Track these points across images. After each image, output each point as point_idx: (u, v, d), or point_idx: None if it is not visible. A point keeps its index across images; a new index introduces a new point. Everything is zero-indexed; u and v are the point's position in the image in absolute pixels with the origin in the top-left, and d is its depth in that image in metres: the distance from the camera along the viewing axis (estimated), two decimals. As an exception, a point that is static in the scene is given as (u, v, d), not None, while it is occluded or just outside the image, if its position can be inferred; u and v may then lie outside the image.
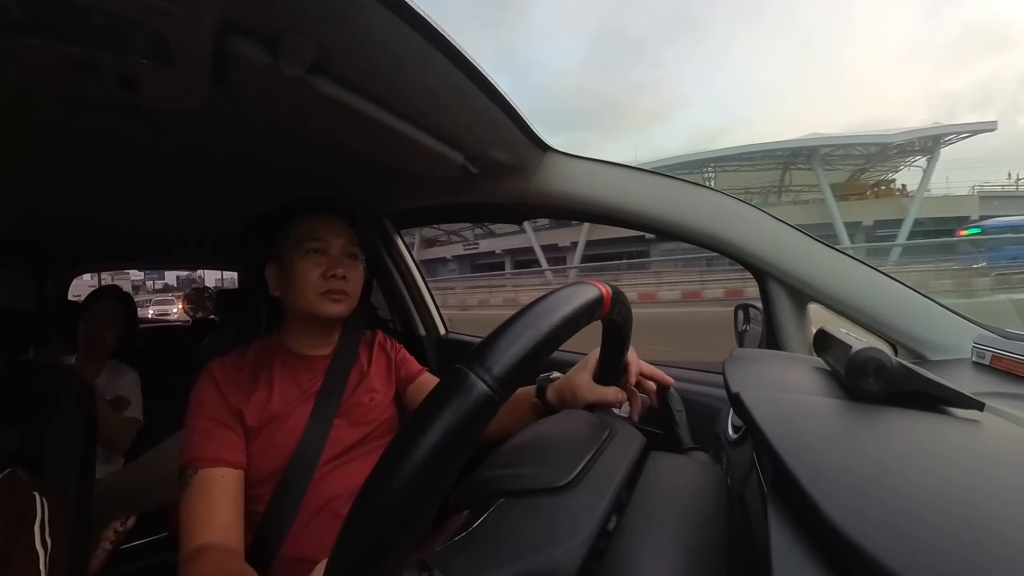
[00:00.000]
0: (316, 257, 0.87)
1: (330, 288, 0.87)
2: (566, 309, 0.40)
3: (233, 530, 0.74)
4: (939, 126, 22.24)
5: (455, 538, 0.39)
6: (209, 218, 1.64)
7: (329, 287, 0.87)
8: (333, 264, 0.87)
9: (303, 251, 0.87)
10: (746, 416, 0.40)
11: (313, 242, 0.87)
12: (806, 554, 0.27)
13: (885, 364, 0.41)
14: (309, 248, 0.87)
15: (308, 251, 0.87)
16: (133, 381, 1.85)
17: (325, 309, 0.87)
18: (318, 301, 0.87)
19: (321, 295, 0.86)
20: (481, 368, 0.33)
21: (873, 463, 0.32)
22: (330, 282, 0.86)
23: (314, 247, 0.87)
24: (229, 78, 0.66)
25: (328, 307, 0.87)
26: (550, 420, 0.60)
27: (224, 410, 0.82)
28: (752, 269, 0.90)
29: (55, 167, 1.03)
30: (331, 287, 0.87)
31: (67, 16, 0.52)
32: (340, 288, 0.88)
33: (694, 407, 0.97)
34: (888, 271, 0.85)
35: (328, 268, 0.87)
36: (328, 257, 0.88)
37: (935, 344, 0.80)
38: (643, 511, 0.43)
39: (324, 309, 0.87)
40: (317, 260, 0.87)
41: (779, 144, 23.47)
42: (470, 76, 0.70)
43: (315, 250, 0.87)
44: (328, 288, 0.87)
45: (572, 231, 24.10)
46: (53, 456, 0.84)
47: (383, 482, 0.30)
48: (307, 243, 0.87)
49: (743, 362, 0.58)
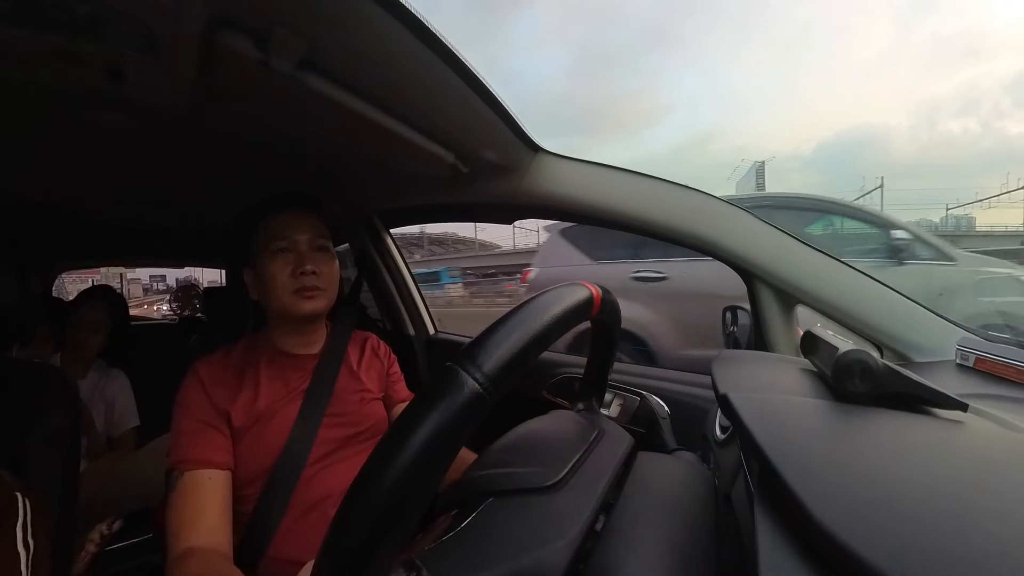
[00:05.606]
0: (284, 256, 0.85)
1: (301, 286, 0.85)
2: (557, 309, 0.40)
3: (221, 532, 0.73)
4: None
5: (443, 537, 0.39)
6: (196, 215, 1.62)
7: (300, 284, 0.85)
8: (301, 260, 0.85)
9: (270, 252, 0.85)
10: (734, 417, 0.41)
11: (279, 241, 0.86)
12: (792, 553, 0.27)
13: (871, 366, 0.41)
14: (276, 248, 0.85)
15: (275, 251, 0.85)
16: (123, 385, 1.82)
17: (299, 307, 0.85)
18: (291, 300, 0.85)
19: (293, 294, 0.85)
20: (472, 366, 0.32)
21: (859, 463, 0.33)
22: (300, 279, 0.85)
23: (280, 246, 0.86)
24: (217, 72, 0.65)
25: (302, 305, 0.85)
26: (539, 420, 0.60)
27: (210, 411, 0.81)
28: (740, 271, 0.91)
29: (39, 160, 1.01)
30: (302, 284, 0.85)
31: (53, 5, 0.51)
32: (312, 284, 0.86)
33: (682, 408, 0.98)
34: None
35: (296, 266, 0.85)
36: (296, 254, 0.86)
37: (920, 346, 0.81)
38: (631, 511, 0.43)
39: (298, 307, 0.85)
40: (285, 259, 0.85)
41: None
42: (461, 75, 0.70)
43: (282, 249, 0.85)
44: (299, 286, 0.85)
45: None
46: (36, 456, 0.83)
47: (372, 481, 0.30)
48: (273, 243, 0.85)
49: (731, 363, 0.59)
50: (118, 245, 2.23)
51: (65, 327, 1.74)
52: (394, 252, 1.75)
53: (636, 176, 0.96)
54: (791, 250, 0.88)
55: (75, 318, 1.74)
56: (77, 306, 1.78)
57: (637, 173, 0.96)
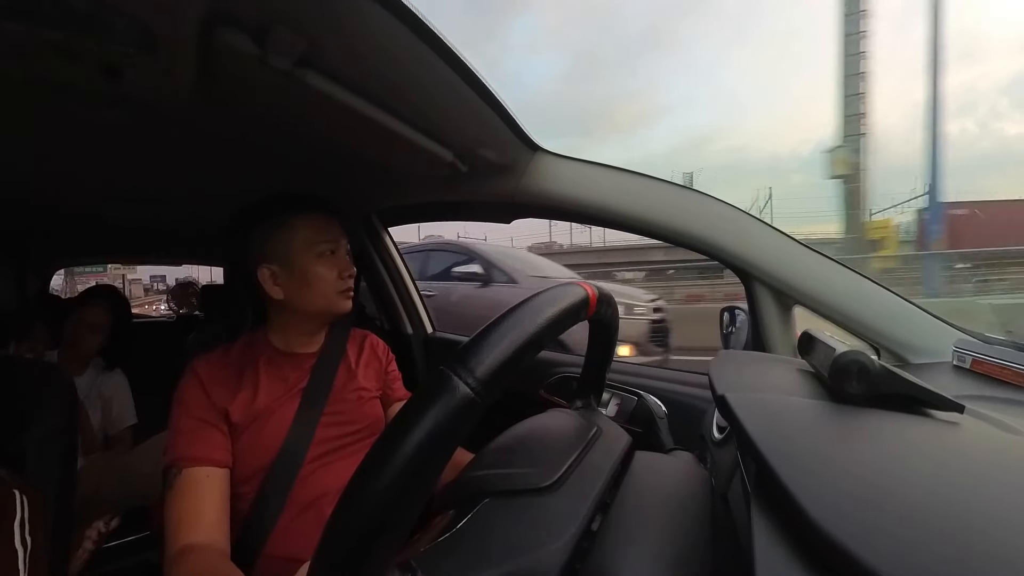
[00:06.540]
0: (330, 258, 0.89)
1: (347, 287, 0.91)
2: (551, 311, 0.40)
3: (219, 530, 0.73)
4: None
5: (439, 539, 0.39)
6: (194, 212, 1.61)
7: (346, 286, 0.91)
8: (346, 265, 0.91)
9: (316, 253, 0.88)
10: (731, 417, 0.41)
11: (326, 244, 0.89)
12: (789, 553, 0.27)
13: (868, 367, 0.41)
14: (324, 250, 0.88)
15: (323, 253, 0.88)
16: (121, 383, 1.81)
17: (343, 307, 0.91)
18: (336, 300, 0.90)
19: (339, 294, 0.90)
20: (464, 370, 0.33)
21: (856, 464, 0.33)
22: (347, 281, 0.91)
23: (329, 248, 0.89)
24: (216, 69, 0.65)
25: (345, 304, 0.91)
26: (536, 419, 0.60)
27: (209, 409, 0.81)
28: (738, 272, 0.91)
29: (35, 157, 1.01)
30: (348, 286, 0.91)
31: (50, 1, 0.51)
32: (352, 286, 0.92)
33: (679, 408, 0.98)
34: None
35: (343, 269, 0.90)
36: (338, 258, 0.91)
37: (917, 348, 0.81)
38: (627, 511, 0.43)
39: (343, 307, 0.91)
40: (331, 261, 0.89)
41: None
42: (461, 74, 0.70)
43: (329, 251, 0.89)
44: (345, 287, 0.91)
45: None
46: (33, 453, 0.82)
47: (365, 484, 0.30)
48: (320, 245, 0.88)
49: (728, 364, 0.59)
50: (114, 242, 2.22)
51: (63, 325, 1.73)
52: (392, 251, 1.74)
53: (635, 176, 0.96)
54: (789, 251, 0.88)
55: (75, 317, 1.72)
56: (78, 305, 1.76)
57: (636, 173, 0.96)
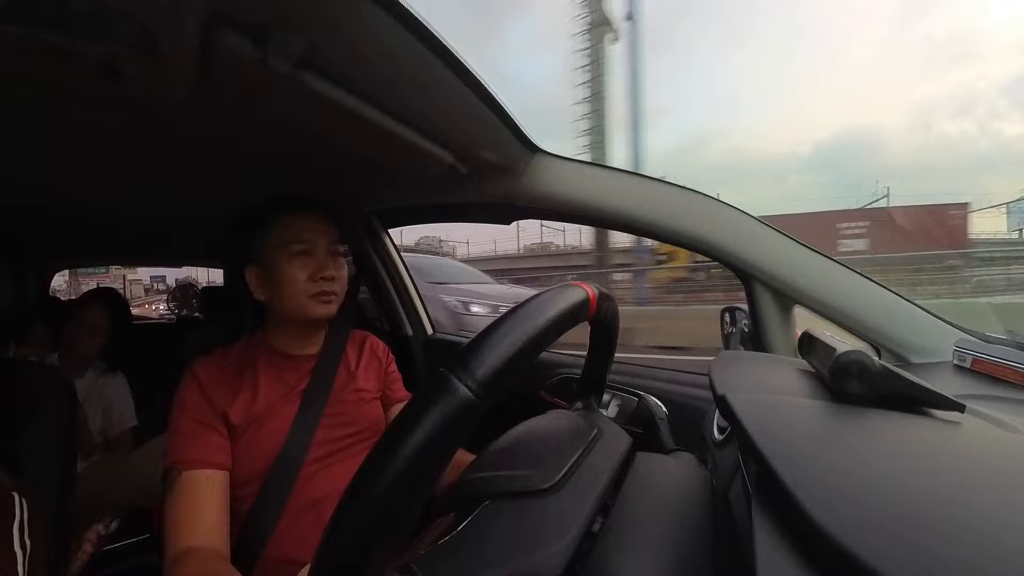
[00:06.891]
0: (302, 259, 0.85)
1: (320, 290, 0.85)
2: (551, 312, 0.40)
3: (218, 532, 0.73)
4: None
5: (439, 541, 0.39)
6: (193, 214, 1.61)
7: (319, 289, 0.85)
8: (321, 266, 0.85)
9: (288, 253, 0.84)
10: (731, 417, 0.40)
11: (298, 244, 0.85)
12: (790, 554, 0.27)
13: (868, 367, 0.41)
14: (295, 250, 0.84)
15: (294, 253, 0.84)
16: (121, 385, 1.81)
17: (315, 311, 0.85)
18: (308, 304, 0.85)
19: (311, 298, 0.85)
20: (463, 372, 0.33)
21: (857, 464, 0.33)
22: (320, 284, 0.85)
23: (300, 248, 0.85)
24: (216, 70, 0.65)
25: (318, 309, 0.85)
26: (537, 420, 0.60)
27: (208, 411, 0.81)
28: (738, 272, 0.91)
29: (35, 158, 1.01)
30: (321, 289, 0.85)
31: (50, 2, 0.51)
32: (330, 290, 0.86)
33: (680, 408, 0.98)
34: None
35: (316, 270, 0.85)
36: (314, 258, 0.86)
37: (918, 347, 0.81)
38: (628, 512, 0.43)
39: (314, 311, 0.85)
40: (304, 262, 0.85)
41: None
42: (460, 75, 0.70)
43: (301, 252, 0.85)
44: (318, 290, 0.85)
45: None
46: (33, 456, 0.82)
47: (365, 487, 0.30)
48: (292, 245, 0.84)
49: (729, 364, 0.59)
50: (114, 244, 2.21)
51: (63, 327, 1.73)
52: (392, 252, 1.74)
53: (635, 177, 0.96)
54: (789, 251, 0.88)
55: (74, 319, 1.72)
56: (78, 307, 1.76)
57: (636, 174, 0.96)
